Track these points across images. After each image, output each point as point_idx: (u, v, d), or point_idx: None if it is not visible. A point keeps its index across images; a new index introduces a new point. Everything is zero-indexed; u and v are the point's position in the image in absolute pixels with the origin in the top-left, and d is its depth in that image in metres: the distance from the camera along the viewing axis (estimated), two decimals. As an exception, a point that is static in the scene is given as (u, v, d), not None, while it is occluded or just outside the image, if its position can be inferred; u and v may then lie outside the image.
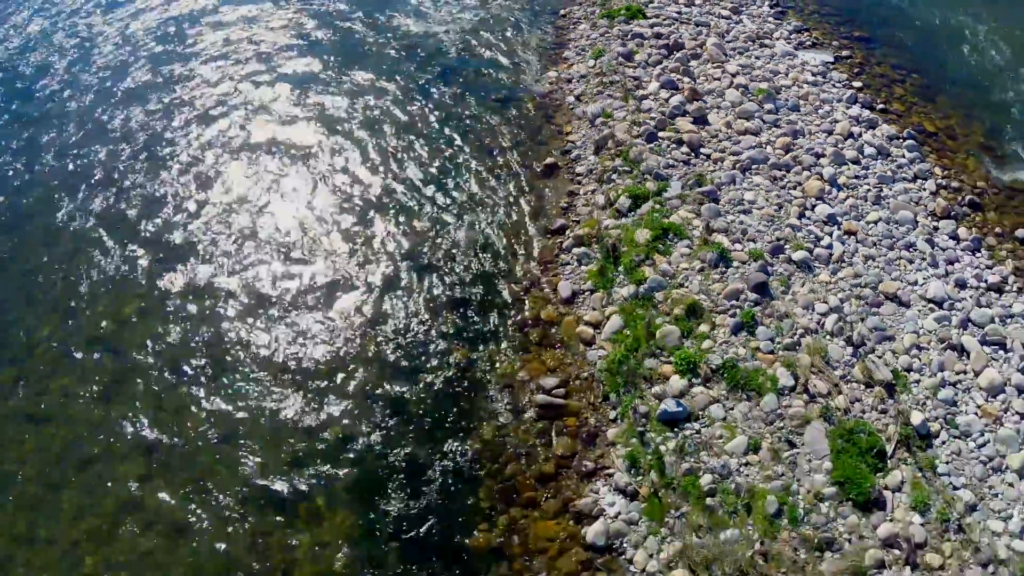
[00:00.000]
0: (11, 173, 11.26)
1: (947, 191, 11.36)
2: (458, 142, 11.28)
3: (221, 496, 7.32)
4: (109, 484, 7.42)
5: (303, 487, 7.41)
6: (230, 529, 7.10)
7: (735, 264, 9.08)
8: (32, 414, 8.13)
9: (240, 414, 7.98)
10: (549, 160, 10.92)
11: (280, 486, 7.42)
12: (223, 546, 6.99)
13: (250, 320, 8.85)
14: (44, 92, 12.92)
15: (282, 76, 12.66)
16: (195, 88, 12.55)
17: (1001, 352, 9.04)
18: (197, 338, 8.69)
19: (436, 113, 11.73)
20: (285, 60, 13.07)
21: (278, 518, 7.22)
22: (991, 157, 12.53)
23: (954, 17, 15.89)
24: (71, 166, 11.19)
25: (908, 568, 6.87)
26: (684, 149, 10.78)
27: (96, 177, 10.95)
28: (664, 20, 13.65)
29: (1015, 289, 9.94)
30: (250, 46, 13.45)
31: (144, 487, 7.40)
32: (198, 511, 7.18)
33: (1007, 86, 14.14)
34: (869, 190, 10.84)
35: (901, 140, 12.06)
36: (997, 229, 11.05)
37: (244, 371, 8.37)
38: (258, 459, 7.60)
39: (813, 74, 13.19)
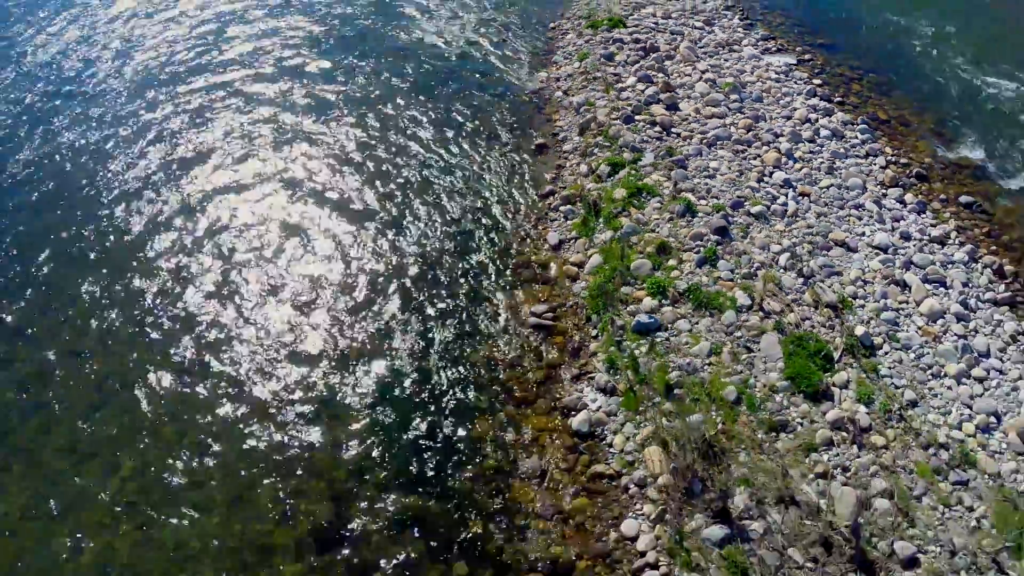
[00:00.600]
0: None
1: (896, 166, 13.03)
2: (461, 128, 13.08)
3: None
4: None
5: (328, 394, 8.73)
6: (255, 426, 8.37)
7: (700, 215, 10.68)
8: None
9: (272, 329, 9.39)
10: (539, 141, 12.71)
11: (307, 395, 8.73)
12: (249, 444, 8.26)
13: (297, 237, 10.36)
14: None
15: (304, 74, 14.60)
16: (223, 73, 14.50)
17: (941, 288, 10.51)
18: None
19: (442, 104, 13.61)
20: (303, 58, 15.05)
21: (303, 422, 8.51)
22: (940, 140, 14.29)
23: (910, 25, 18.10)
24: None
25: (855, 447, 8.10)
26: (657, 129, 12.57)
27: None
28: (642, 29, 15.76)
29: (956, 242, 11.49)
30: (271, 43, 15.49)
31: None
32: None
33: (956, 83, 16.09)
34: (823, 162, 12.53)
35: (855, 125, 13.85)
36: (942, 196, 12.69)
37: (281, 292, 9.81)
38: (290, 368, 8.95)
39: (776, 73, 15.12)
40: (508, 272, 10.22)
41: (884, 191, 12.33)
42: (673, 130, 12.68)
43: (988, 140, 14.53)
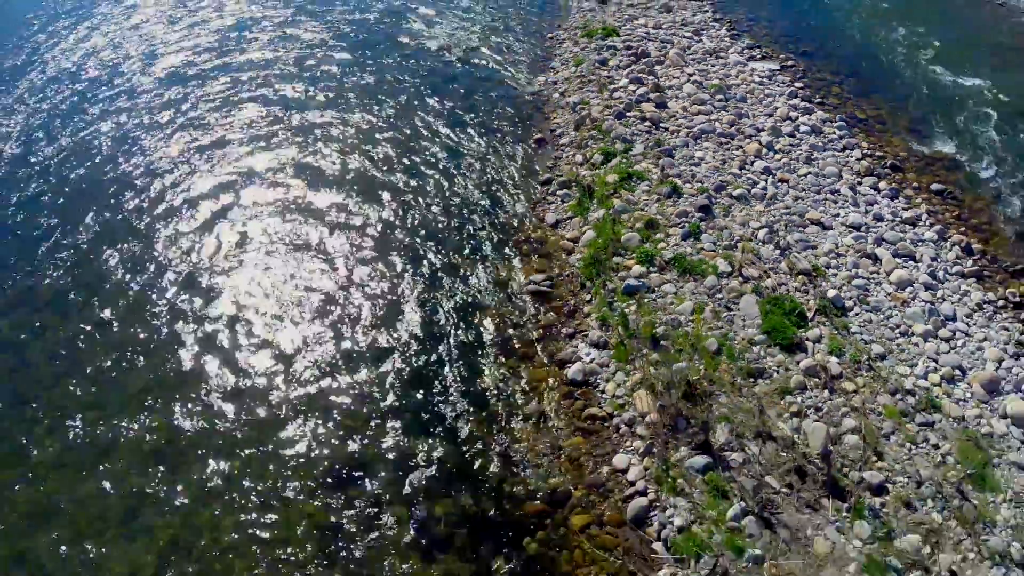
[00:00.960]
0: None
1: (871, 158, 14.13)
2: (466, 125, 14.28)
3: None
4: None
5: (348, 346, 9.64)
6: (276, 377, 9.25)
7: (685, 196, 11.75)
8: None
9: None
10: (538, 136, 13.88)
11: (327, 347, 9.64)
12: (273, 394, 9.12)
13: (320, 211, 11.38)
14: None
15: (322, 74, 15.85)
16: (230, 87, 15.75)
17: (911, 262, 11.47)
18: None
19: (449, 104, 14.86)
20: (322, 59, 16.35)
21: (321, 373, 9.39)
22: (914, 136, 15.42)
23: (888, 35, 19.50)
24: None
25: (826, 391, 8.94)
26: (647, 124, 13.74)
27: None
28: (634, 38, 17.13)
29: (927, 223, 12.47)
30: (288, 54, 16.82)
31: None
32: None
33: (931, 85, 17.35)
34: (801, 154, 13.66)
35: (833, 122, 15.01)
36: (915, 184, 13.75)
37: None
38: (311, 323, 9.86)
39: (760, 77, 16.37)
40: (509, 247, 11.26)
41: (859, 179, 13.39)
42: (662, 125, 13.84)
43: (960, 135, 15.67)
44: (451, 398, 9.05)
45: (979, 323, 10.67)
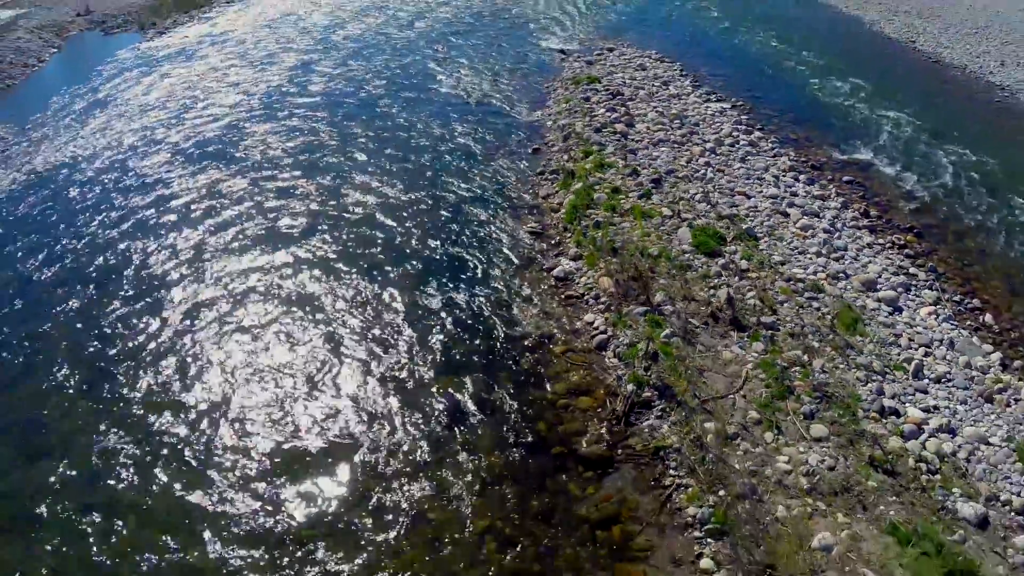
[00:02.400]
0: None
1: (797, 162, 19.31)
2: (482, 141, 19.96)
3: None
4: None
5: (380, 277, 14.33)
6: (309, 324, 13.88)
7: (643, 175, 16.90)
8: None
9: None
10: (535, 147, 19.49)
11: (352, 283, 14.31)
12: (305, 342, 13.73)
13: (365, 189, 16.41)
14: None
15: (363, 104, 21.75)
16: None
17: (816, 218, 16.24)
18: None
19: (467, 127, 20.61)
20: (359, 94, 22.31)
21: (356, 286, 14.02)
22: (837, 150, 20.80)
23: (827, 84, 25.92)
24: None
25: (736, 277, 13.46)
26: (618, 136, 19.41)
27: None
28: (613, 84, 23.19)
29: (834, 198, 17.34)
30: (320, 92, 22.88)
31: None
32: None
33: (859, 118, 23.13)
34: (737, 155, 18.99)
35: (768, 139, 20.36)
36: (830, 177, 18.83)
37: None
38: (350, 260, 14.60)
39: (713, 111, 22.03)
40: (513, 210, 16.38)
41: (783, 173, 18.52)
42: (629, 136, 19.36)
43: (876, 147, 21.32)
44: (474, 289, 13.74)
45: (867, 254, 15.32)
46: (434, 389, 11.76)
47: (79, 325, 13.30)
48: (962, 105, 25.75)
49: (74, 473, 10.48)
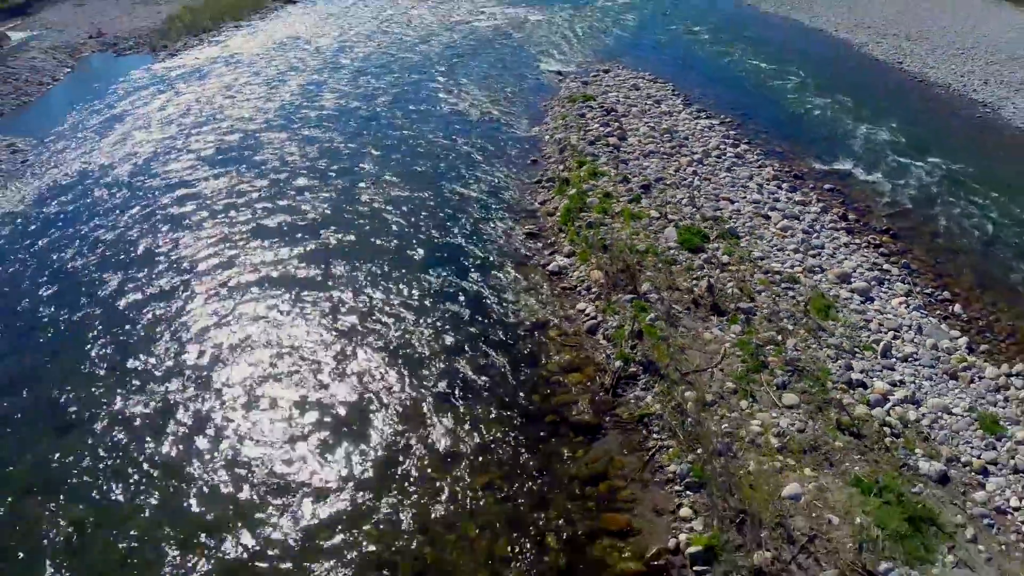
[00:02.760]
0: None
1: (780, 172, 20.70)
2: (485, 151, 21.50)
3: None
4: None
5: (393, 267, 15.60)
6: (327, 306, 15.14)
7: (633, 183, 18.27)
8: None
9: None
10: (533, 159, 20.99)
11: (369, 264, 15.58)
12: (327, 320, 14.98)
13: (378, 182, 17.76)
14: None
15: (377, 116, 23.29)
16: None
17: (796, 221, 17.55)
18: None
19: (471, 140, 22.13)
20: (362, 116, 23.87)
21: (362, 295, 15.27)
22: (820, 162, 22.22)
23: (812, 101, 27.46)
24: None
25: (717, 270, 14.67)
26: (611, 148, 20.95)
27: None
28: (607, 102, 24.78)
29: (815, 203, 18.69)
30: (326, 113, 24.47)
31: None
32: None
33: (842, 133, 24.70)
34: (724, 166, 20.49)
35: (754, 152, 21.82)
36: (812, 186, 20.22)
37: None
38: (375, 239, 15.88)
39: (702, 127, 23.56)
40: (512, 214, 17.81)
41: (767, 182, 19.91)
42: (621, 149, 20.83)
43: (857, 158, 22.80)
44: (475, 281, 15.10)
45: (843, 252, 16.60)
46: (439, 364, 13.11)
47: (107, 310, 14.75)
48: (944, 120, 27.44)
49: (98, 443, 11.72)
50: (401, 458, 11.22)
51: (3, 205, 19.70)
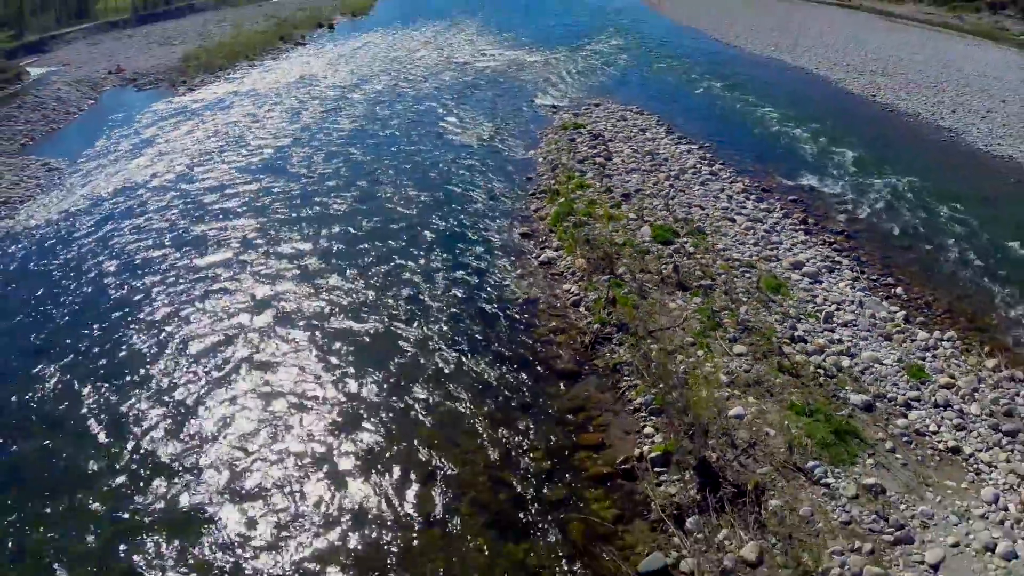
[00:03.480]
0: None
1: (749, 186, 23.80)
2: (485, 170, 24.88)
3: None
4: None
5: (400, 259, 18.45)
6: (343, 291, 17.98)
7: (615, 193, 21.38)
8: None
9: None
10: (528, 176, 24.31)
11: (382, 243, 18.46)
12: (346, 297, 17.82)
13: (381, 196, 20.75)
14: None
15: (392, 139, 26.55)
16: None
17: (759, 224, 20.57)
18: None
19: (467, 159, 25.69)
20: (378, 137, 27.17)
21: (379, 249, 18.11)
22: (787, 177, 25.45)
23: (785, 130, 31.16)
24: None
25: (685, 258, 17.54)
26: (597, 166, 24.35)
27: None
28: (595, 129, 28.15)
29: (778, 210, 21.70)
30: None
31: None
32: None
33: (812, 155, 28.01)
34: (698, 180, 23.76)
35: (727, 170, 25.03)
36: (778, 197, 23.29)
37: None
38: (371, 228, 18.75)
39: (681, 151, 26.87)
40: (508, 220, 20.88)
41: (736, 194, 23.04)
42: (607, 167, 24.13)
43: (822, 175, 26.03)
44: (475, 269, 18.04)
45: (799, 248, 19.53)
46: (447, 325, 16.12)
47: (139, 306, 17.71)
48: (909, 144, 30.94)
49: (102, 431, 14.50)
50: (411, 398, 14.01)
51: (45, 212, 22.83)
